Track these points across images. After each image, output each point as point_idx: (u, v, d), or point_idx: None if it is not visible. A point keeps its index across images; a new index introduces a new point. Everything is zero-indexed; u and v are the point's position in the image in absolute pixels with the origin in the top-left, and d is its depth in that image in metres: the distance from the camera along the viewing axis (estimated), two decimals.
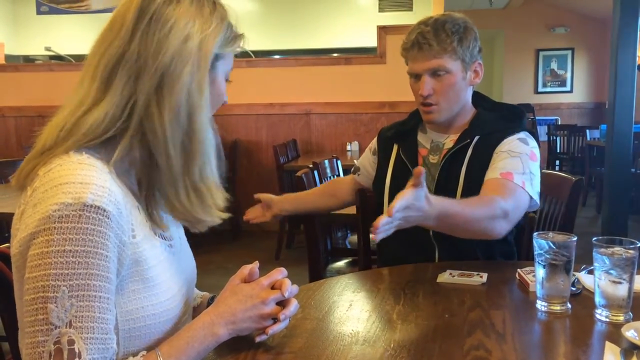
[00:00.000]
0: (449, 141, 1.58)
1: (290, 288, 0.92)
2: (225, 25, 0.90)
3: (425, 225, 1.22)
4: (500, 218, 1.32)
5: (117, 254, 0.80)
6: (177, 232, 0.99)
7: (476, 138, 1.52)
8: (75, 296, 0.74)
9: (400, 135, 1.65)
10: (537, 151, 1.50)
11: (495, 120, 1.56)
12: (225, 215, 0.94)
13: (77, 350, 0.74)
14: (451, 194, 1.50)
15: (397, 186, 1.59)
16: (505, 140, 1.50)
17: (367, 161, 1.77)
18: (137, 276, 0.84)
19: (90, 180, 0.78)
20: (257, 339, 0.92)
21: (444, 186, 1.52)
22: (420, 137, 1.63)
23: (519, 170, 1.42)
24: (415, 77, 1.53)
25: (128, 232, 0.82)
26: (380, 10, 7.11)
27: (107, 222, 0.77)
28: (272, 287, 0.93)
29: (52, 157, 0.82)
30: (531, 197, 1.42)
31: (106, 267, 0.77)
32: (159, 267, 0.88)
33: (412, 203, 1.09)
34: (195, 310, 1.06)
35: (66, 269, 0.74)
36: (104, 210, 0.77)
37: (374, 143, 1.76)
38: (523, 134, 1.52)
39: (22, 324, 0.78)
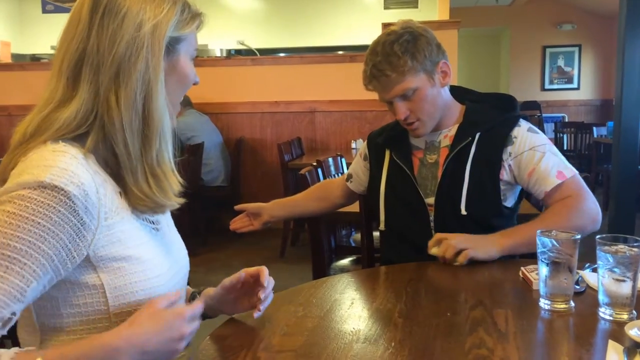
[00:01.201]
0: (443, 137, 1.58)
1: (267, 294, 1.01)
2: (178, 7, 0.90)
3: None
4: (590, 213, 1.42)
5: (75, 234, 0.79)
6: (164, 218, 1.00)
7: (478, 135, 1.51)
8: None
9: (391, 140, 1.64)
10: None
11: (490, 110, 1.55)
12: (182, 200, 0.96)
13: None
14: (456, 192, 1.50)
15: (393, 192, 1.59)
16: (519, 138, 1.49)
17: (359, 167, 1.76)
18: (118, 255, 0.85)
19: (54, 163, 0.80)
20: (255, 315, 0.99)
21: (448, 185, 1.51)
22: (412, 139, 1.62)
23: (558, 161, 1.47)
24: (387, 102, 1.53)
25: (99, 214, 0.82)
26: (386, 7, 7.10)
27: (65, 202, 0.78)
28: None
29: (31, 147, 0.84)
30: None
31: (44, 239, 0.77)
32: (143, 247, 0.89)
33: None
34: None
35: None
36: (62, 190, 0.78)
37: (364, 148, 1.75)
38: (525, 124, 1.53)
39: None
